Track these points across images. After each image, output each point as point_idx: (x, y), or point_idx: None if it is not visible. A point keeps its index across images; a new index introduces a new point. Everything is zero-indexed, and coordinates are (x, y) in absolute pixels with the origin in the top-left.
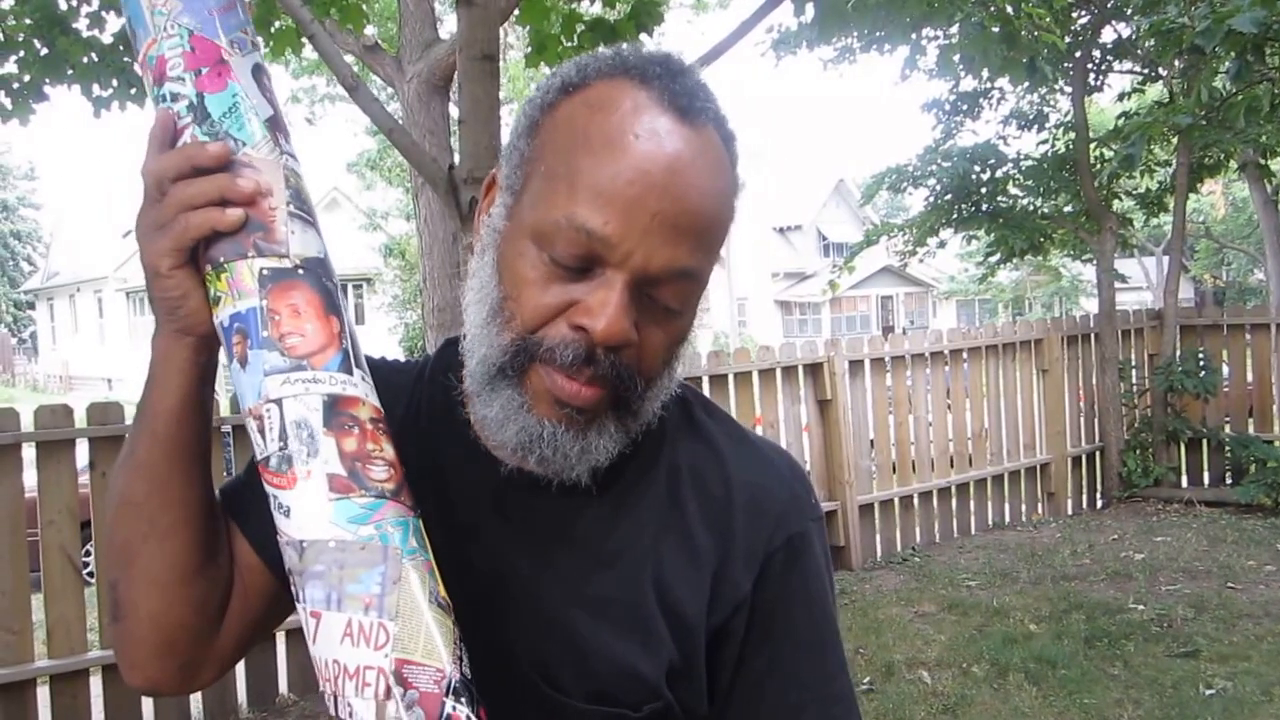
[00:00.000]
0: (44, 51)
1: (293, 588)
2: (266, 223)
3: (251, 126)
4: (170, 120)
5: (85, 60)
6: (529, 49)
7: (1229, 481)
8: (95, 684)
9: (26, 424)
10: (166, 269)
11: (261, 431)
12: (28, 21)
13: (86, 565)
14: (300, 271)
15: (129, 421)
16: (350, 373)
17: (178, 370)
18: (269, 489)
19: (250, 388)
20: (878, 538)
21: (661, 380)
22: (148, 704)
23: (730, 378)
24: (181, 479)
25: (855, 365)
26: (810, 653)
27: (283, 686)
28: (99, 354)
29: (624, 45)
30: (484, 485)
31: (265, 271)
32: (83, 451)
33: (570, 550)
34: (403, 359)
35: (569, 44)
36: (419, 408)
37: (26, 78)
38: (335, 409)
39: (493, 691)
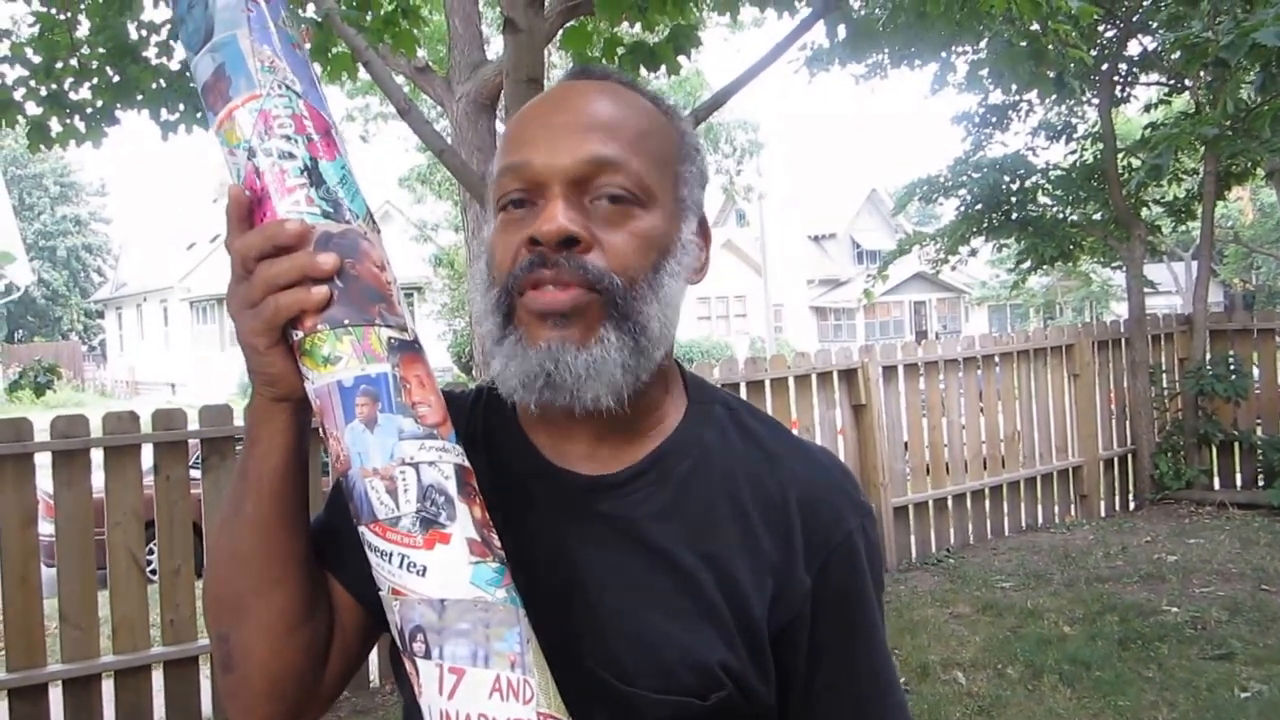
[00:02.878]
0: (115, 78)
1: (417, 644)
2: (386, 295)
3: (361, 199)
4: (242, 196)
5: (154, 86)
6: None
7: (1261, 484)
8: (157, 679)
9: (95, 429)
10: (264, 348)
11: (392, 493)
12: (101, 50)
13: (150, 564)
14: (417, 346)
15: (191, 426)
16: (461, 447)
17: (280, 431)
18: (392, 548)
19: (380, 449)
20: (912, 539)
21: (650, 284)
22: (206, 698)
23: (767, 384)
24: (288, 531)
25: (889, 370)
26: (872, 645)
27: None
28: (164, 360)
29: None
30: (546, 493)
31: (394, 341)
32: (147, 456)
33: (633, 548)
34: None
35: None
36: (477, 429)
37: (99, 103)
38: (463, 479)
39: (562, 685)
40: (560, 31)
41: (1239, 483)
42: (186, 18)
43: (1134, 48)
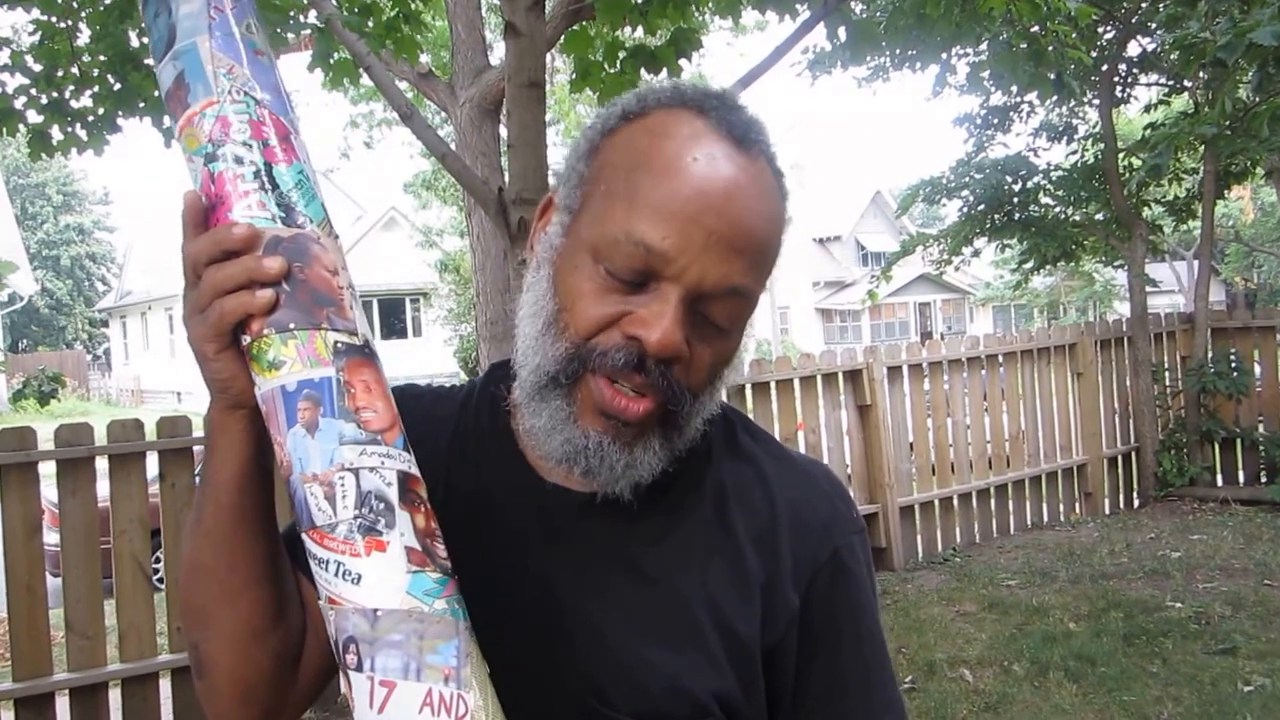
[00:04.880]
0: (117, 86)
1: (349, 656)
2: (337, 299)
3: (317, 204)
4: (197, 201)
5: (156, 93)
6: (574, 75)
7: (1263, 480)
8: (165, 687)
9: (100, 438)
10: (213, 354)
11: (330, 499)
12: (102, 58)
13: (156, 572)
14: (367, 350)
15: (196, 434)
16: (410, 454)
17: (235, 440)
18: (328, 555)
19: (319, 454)
20: (918, 538)
21: (706, 397)
22: None
23: (772, 385)
24: (247, 541)
25: (894, 371)
26: (862, 664)
27: (343, 687)
28: (169, 369)
29: (683, 80)
30: (534, 508)
31: (341, 345)
32: (153, 463)
33: (619, 570)
34: (451, 383)
35: (611, 70)
36: (467, 433)
37: (101, 110)
38: (407, 486)
39: (542, 705)
40: (562, 36)
41: (1241, 479)
42: (153, 26)
43: (1133, 48)
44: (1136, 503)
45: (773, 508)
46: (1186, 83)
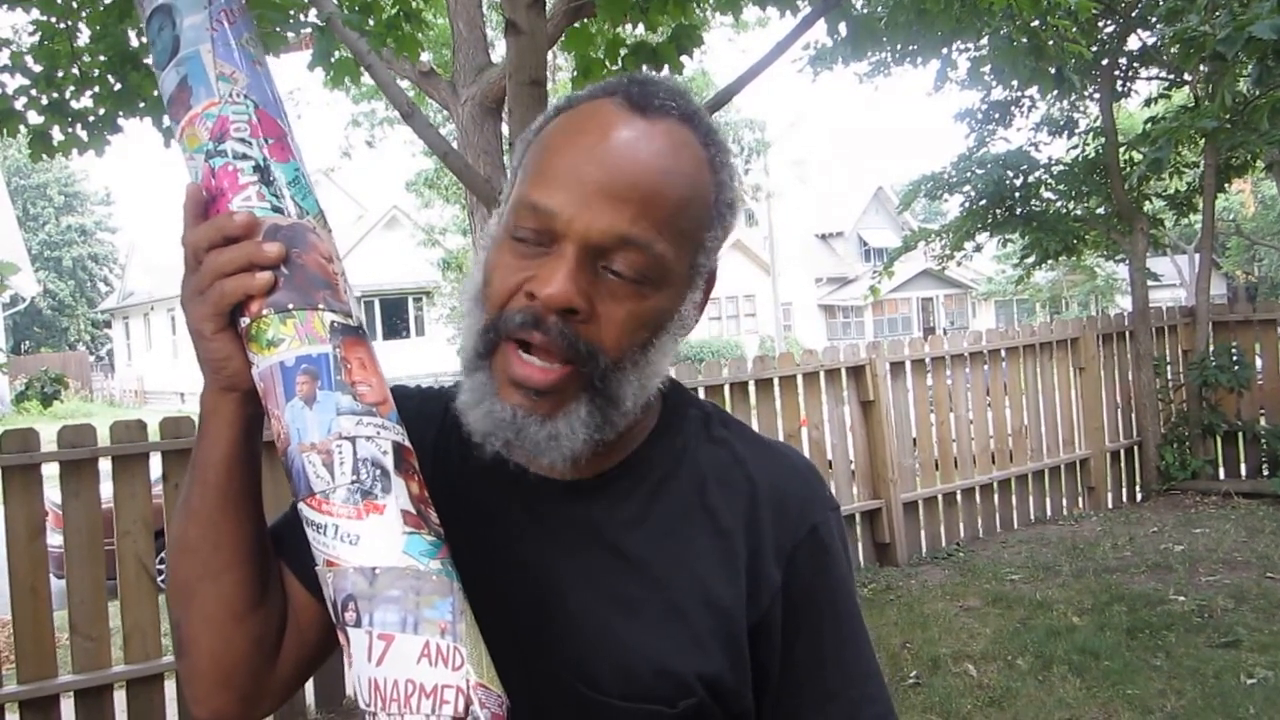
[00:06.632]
0: (117, 86)
1: (348, 614)
2: (333, 283)
3: (312, 199)
4: (198, 193)
5: (156, 93)
6: (575, 73)
7: (1265, 473)
8: (170, 688)
9: (103, 439)
10: (210, 333)
11: (329, 466)
12: (102, 58)
13: (160, 573)
14: (361, 332)
15: None
16: (403, 428)
17: (226, 423)
18: (327, 520)
19: (318, 424)
20: (922, 534)
21: (635, 362)
22: None
23: (776, 381)
24: (232, 523)
25: (896, 367)
26: (843, 636)
27: (349, 688)
28: (172, 369)
29: (620, 76)
30: (517, 498)
31: (337, 325)
32: (156, 464)
33: (604, 555)
34: (435, 385)
35: (613, 67)
36: (452, 429)
37: (101, 111)
38: (401, 455)
39: (530, 691)
40: (563, 33)
41: (1243, 472)
42: (156, 39)
43: (1133, 42)
44: (1139, 497)
45: (752, 488)
46: (1187, 77)
